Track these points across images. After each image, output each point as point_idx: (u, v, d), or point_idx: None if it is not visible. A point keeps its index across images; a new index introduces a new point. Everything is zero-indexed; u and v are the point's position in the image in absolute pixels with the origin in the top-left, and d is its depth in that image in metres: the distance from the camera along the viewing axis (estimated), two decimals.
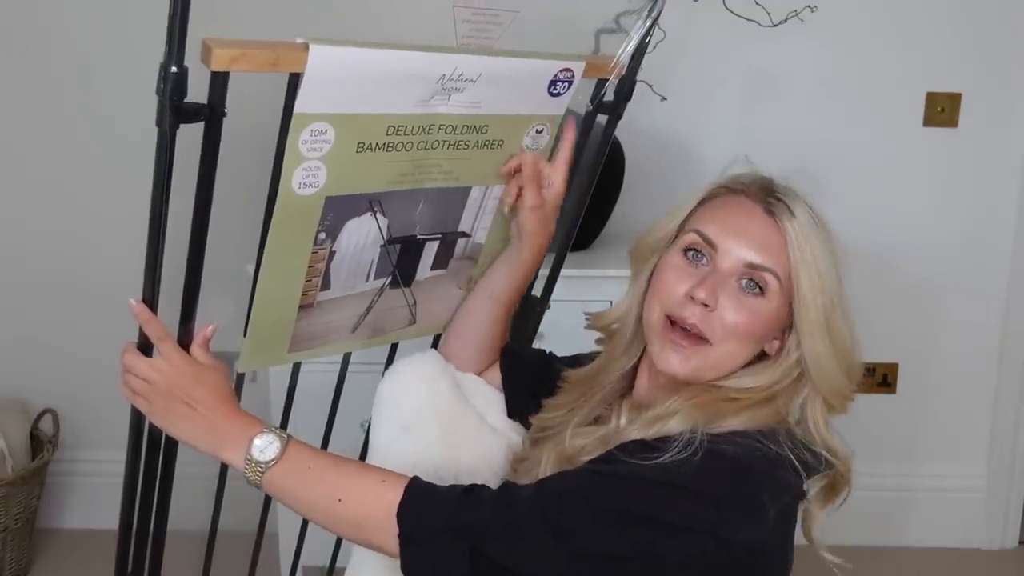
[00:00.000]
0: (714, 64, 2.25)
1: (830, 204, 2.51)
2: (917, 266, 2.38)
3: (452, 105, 1.09)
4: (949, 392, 2.46)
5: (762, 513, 0.92)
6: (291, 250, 1.10)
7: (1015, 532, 2.53)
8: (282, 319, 1.16)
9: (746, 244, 1.03)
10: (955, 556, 2.47)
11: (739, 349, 1.03)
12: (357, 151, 1.06)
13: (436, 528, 0.95)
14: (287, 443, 1.01)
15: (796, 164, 2.31)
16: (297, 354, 1.23)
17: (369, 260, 1.19)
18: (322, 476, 1.00)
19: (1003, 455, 2.48)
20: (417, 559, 0.95)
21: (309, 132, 1.00)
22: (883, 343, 2.42)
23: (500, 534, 0.93)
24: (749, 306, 1.02)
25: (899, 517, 2.50)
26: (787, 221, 1.04)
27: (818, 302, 1.01)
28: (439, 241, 1.25)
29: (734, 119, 2.28)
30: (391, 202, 1.15)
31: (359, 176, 1.09)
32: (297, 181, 1.03)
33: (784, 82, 2.26)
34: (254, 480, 1.00)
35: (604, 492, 0.93)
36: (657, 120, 2.23)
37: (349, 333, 1.26)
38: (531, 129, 1.21)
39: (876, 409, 2.45)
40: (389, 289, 1.26)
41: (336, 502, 0.98)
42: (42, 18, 2.21)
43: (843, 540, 2.50)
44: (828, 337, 1.02)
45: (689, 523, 0.90)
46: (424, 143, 1.11)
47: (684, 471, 0.91)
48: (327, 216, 1.09)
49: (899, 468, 2.49)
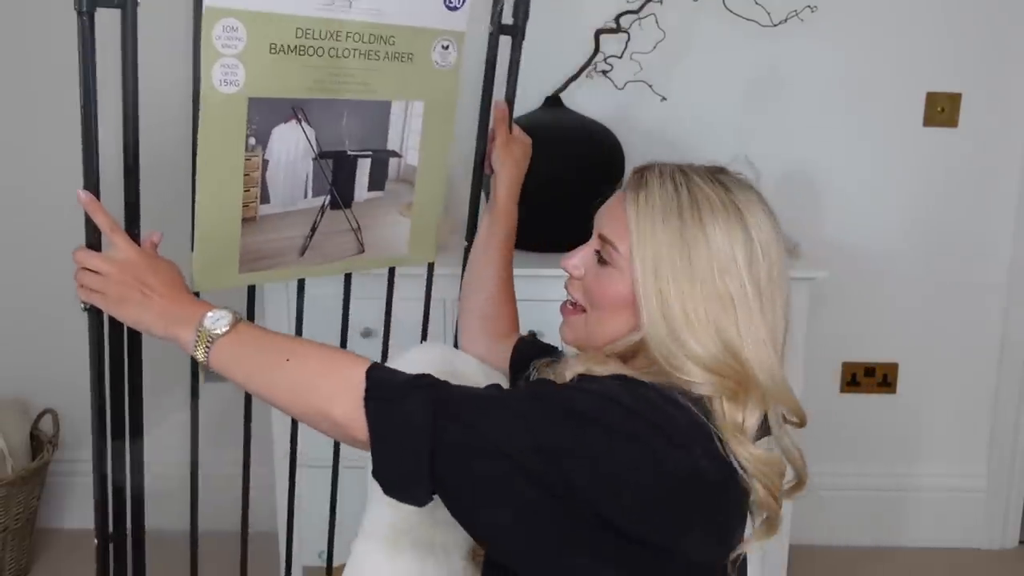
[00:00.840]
0: (714, 64, 2.25)
1: (830, 204, 2.54)
2: (917, 266, 2.38)
3: (355, 12, 1.19)
4: (949, 392, 2.46)
5: (690, 445, 0.93)
6: (223, 153, 1.16)
7: (1015, 532, 2.53)
8: (227, 232, 1.22)
9: (601, 217, 1.09)
10: (955, 556, 2.48)
11: (608, 316, 1.05)
12: (271, 51, 1.14)
13: (401, 383, 0.96)
14: (238, 319, 1.04)
15: (796, 164, 2.31)
16: (249, 275, 1.28)
17: (304, 174, 1.26)
18: (271, 344, 1.03)
19: (1003, 455, 2.48)
20: (381, 411, 0.94)
21: (221, 27, 1.09)
22: (883, 343, 2.43)
23: (465, 396, 0.96)
24: (600, 275, 1.06)
25: (899, 517, 2.50)
26: (630, 190, 1.04)
27: (643, 270, 1.00)
28: (371, 159, 1.32)
29: (734, 119, 2.28)
30: (314, 111, 1.22)
31: (277, 79, 1.16)
32: (217, 78, 1.11)
33: (784, 82, 2.27)
34: (203, 356, 1.03)
35: (562, 396, 0.96)
36: (657, 120, 2.23)
37: (298, 256, 1.32)
38: (436, 44, 1.30)
39: (876, 409, 2.45)
40: (331, 210, 1.32)
41: (285, 362, 0.99)
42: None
43: (843, 540, 2.52)
44: (660, 311, 0.98)
45: (629, 432, 0.91)
46: (335, 50, 1.20)
47: (622, 392, 0.94)
48: (253, 119, 1.17)
49: (899, 468, 2.49)
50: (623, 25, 2.15)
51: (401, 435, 0.93)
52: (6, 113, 2.27)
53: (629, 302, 1.02)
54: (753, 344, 0.97)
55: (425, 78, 1.31)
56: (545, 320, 1.58)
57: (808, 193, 2.33)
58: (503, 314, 1.39)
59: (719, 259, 0.98)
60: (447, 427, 0.92)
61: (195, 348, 1.03)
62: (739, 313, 0.97)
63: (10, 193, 2.32)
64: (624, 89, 2.18)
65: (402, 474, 0.94)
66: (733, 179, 1.04)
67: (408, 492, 0.96)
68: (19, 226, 2.33)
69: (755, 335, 0.98)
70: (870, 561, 2.42)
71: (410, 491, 0.95)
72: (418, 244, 1.44)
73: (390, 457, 0.94)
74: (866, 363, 2.44)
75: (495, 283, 1.38)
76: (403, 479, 0.95)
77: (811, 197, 2.34)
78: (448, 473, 0.92)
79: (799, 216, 2.27)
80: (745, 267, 0.98)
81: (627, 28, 2.15)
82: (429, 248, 1.46)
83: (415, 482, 0.94)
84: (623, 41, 2.16)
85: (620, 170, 2.08)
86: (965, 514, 2.51)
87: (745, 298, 0.98)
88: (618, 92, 2.18)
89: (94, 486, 1.22)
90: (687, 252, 0.98)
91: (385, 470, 0.95)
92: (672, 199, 1.00)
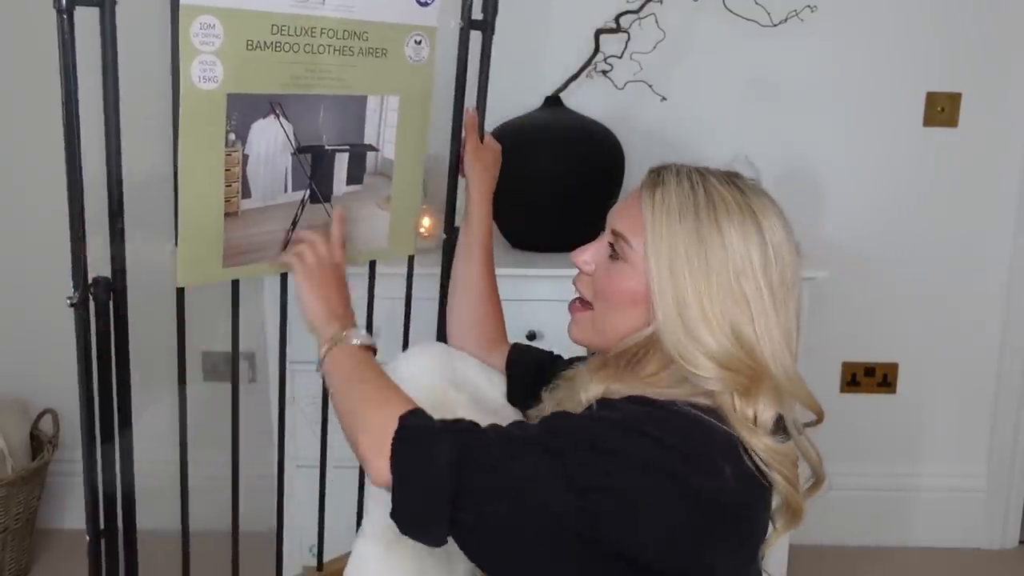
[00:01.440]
0: (714, 64, 2.25)
1: (830, 204, 2.53)
2: (917, 266, 2.38)
3: (328, 8, 1.23)
4: (949, 392, 2.46)
5: (716, 465, 0.94)
6: (204, 149, 1.19)
7: (1015, 532, 2.53)
8: (210, 227, 1.24)
9: (616, 213, 1.09)
10: (955, 556, 2.48)
11: (617, 312, 1.06)
12: (248, 48, 1.17)
13: (433, 428, 0.98)
14: (368, 347, 1.13)
15: (796, 164, 2.31)
16: (233, 270, 1.30)
17: (283, 168, 1.29)
18: (364, 370, 1.09)
19: (1003, 455, 2.48)
20: (407, 452, 0.96)
21: (198, 24, 1.12)
22: (883, 343, 2.43)
23: (493, 439, 0.97)
24: (612, 270, 1.06)
25: (899, 517, 2.50)
26: (646, 188, 1.05)
27: (658, 266, 1.00)
28: (348, 153, 1.34)
29: (734, 119, 2.28)
30: (291, 106, 1.25)
31: (254, 74, 1.19)
32: (196, 74, 1.14)
33: (784, 82, 2.27)
34: (322, 355, 1.13)
35: (588, 429, 0.96)
36: (657, 120, 2.23)
37: (280, 250, 1.33)
38: (409, 39, 1.33)
39: (876, 409, 2.45)
40: (311, 204, 1.35)
41: (357, 384, 1.07)
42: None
43: (844, 540, 2.52)
44: (675, 306, 0.99)
45: (656, 463, 0.92)
46: (310, 46, 1.23)
47: (645, 421, 0.95)
48: (232, 115, 1.19)
49: (899, 468, 2.49)
50: (623, 25, 2.15)
51: (423, 477, 0.94)
52: (7, 115, 2.27)
53: (639, 298, 1.03)
54: (768, 343, 0.99)
55: (399, 73, 1.34)
56: (545, 320, 1.59)
57: (808, 193, 2.33)
58: (489, 315, 1.39)
59: (734, 259, 0.99)
60: (471, 471, 0.93)
61: (322, 346, 1.13)
62: (754, 312, 0.98)
63: (10, 193, 2.32)
64: (624, 89, 2.18)
65: (421, 514, 0.96)
66: (747, 183, 1.05)
67: (426, 532, 0.97)
68: (19, 227, 2.33)
69: (770, 334, 0.99)
70: (870, 561, 2.42)
71: (428, 531, 0.97)
72: (397, 237, 1.45)
73: (410, 498, 0.95)
74: (866, 363, 2.44)
75: (478, 286, 1.39)
76: (422, 519, 0.96)
77: (811, 197, 2.34)
78: (468, 516, 0.93)
79: (799, 216, 2.23)
80: (760, 268, 0.99)
81: (627, 28, 2.15)
82: (408, 241, 1.48)
83: (434, 522, 0.95)
84: (623, 41, 2.16)
85: (620, 170, 2.08)
86: (965, 514, 2.50)
87: (760, 299, 0.99)
88: (618, 92, 2.18)
89: (84, 483, 1.23)
90: (703, 250, 0.99)
91: (404, 510, 0.96)
92: (689, 197, 1.01)
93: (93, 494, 1.24)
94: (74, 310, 1.17)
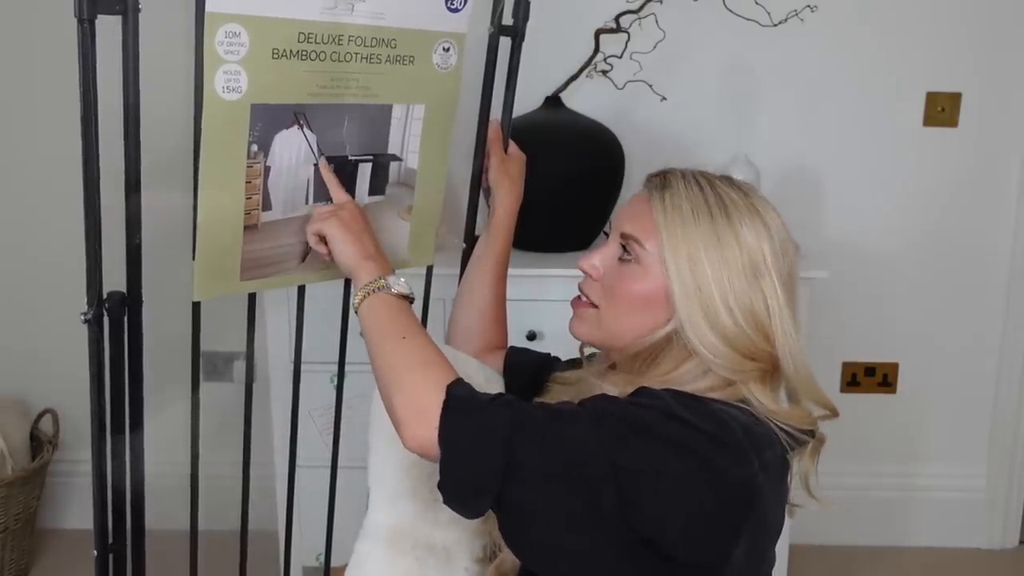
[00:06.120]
0: (714, 64, 2.25)
1: (830, 204, 2.54)
2: (917, 266, 2.38)
3: (357, 15, 1.19)
4: (949, 392, 2.46)
5: (747, 456, 0.96)
6: (225, 160, 1.15)
7: (1015, 532, 2.53)
8: (229, 240, 1.21)
9: (623, 217, 1.10)
10: (955, 556, 2.47)
11: (626, 313, 1.07)
12: (273, 56, 1.13)
13: (483, 399, 0.98)
14: (406, 296, 1.11)
15: (796, 164, 2.32)
16: (251, 283, 1.27)
17: (305, 179, 1.25)
18: (406, 324, 1.08)
19: (1003, 455, 2.48)
20: (458, 422, 0.96)
21: (223, 33, 1.08)
22: (883, 343, 2.43)
23: (541, 417, 0.97)
24: (622, 271, 1.07)
25: (899, 517, 2.50)
26: (654, 191, 1.07)
27: (678, 268, 1.03)
28: (372, 163, 1.32)
29: (734, 119, 2.28)
30: (316, 116, 1.22)
31: (279, 84, 1.16)
32: (220, 84, 1.10)
33: (784, 82, 2.27)
34: (359, 299, 1.10)
35: (626, 410, 0.97)
36: (657, 120, 2.23)
37: (299, 262, 1.31)
38: (438, 47, 1.29)
39: (876, 409, 2.45)
40: None
41: (401, 339, 1.05)
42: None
43: (843, 540, 2.51)
44: (697, 302, 1.02)
45: (690, 449, 0.94)
46: (337, 54, 1.19)
47: (684, 409, 0.96)
48: (255, 126, 1.16)
49: (899, 468, 2.49)
50: (623, 25, 2.15)
51: (475, 450, 0.94)
52: (7, 117, 2.27)
53: (653, 299, 1.05)
54: (783, 335, 1.03)
55: (426, 81, 1.30)
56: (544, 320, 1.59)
57: (808, 193, 2.33)
58: (495, 327, 1.39)
59: (750, 255, 1.02)
60: (524, 446, 0.94)
61: (360, 290, 1.11)
62: (770, 305, 1.02)
63: (10, 194, 2.32)
64: (624, 89, 2.18)
65: (470, 485, 0.96)
66: (744, 185, 1.09)
67: (470, 504, 0.97)
68: (19, 227, 2.33)
69: (786, 326, 1.03)
70: (870, 561, 2.42)
71: (473, 503, 0.97)
72: (417, 247, 1.43)
73: (462, 469, 0.95)
74: (866, 363, 2.44)
75: (486, 299, 1.37)
76: (470, 490, 0.96)
77: (811, 197, 2.34)
78: (515, 489, 0.94)
79: (799, 216, 2.26)
80: (772, 263, 1.03)
81: (627, 28, 2.15)
82: (428, 251, 1.46)
83: (483, 495, 0.95)
84: (623, 41, 2.16)
85: (620, 170, 2.08)
86: (965, 514, 2.50)
87: (776, 293, 1.03)
88: (618, 92, 2.18)
89: (94, 501, 1.20)
90: (720, 248, 1.02)
91: (452, 480, 0.96)
92: (699, 198, 1.04)
93: (102, 508, 1.22)
94: (88, 327, 1.13)
